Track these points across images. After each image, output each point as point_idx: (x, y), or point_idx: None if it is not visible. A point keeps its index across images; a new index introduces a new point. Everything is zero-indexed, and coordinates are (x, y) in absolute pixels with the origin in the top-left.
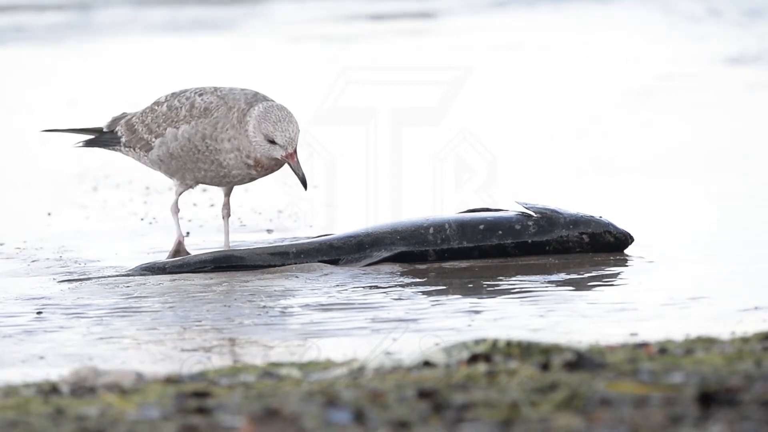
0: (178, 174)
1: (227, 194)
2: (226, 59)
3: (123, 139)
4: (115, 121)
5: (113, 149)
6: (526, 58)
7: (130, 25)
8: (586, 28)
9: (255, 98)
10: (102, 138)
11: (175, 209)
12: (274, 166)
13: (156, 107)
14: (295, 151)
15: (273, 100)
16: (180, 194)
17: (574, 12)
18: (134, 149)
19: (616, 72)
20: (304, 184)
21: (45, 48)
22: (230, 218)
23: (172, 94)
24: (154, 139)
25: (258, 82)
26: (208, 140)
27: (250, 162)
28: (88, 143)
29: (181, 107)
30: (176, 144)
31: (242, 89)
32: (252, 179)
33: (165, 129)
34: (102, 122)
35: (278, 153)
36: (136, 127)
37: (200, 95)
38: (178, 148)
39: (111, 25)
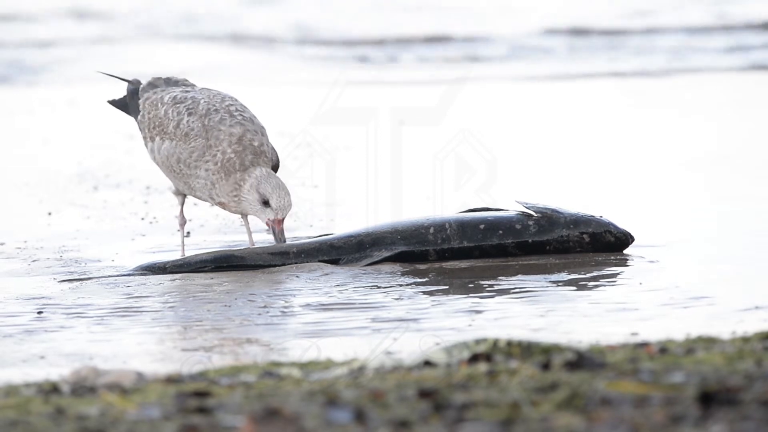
0: (171, 181)
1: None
2: None
3: (138, 117)
4: (151, 85)
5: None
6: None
7: None
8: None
9: (240, 143)
10: (132, 101)
11: (181, 220)
12: (233, 210)
13: (159, 105)
14: (283, 220)
15: (264, 158)
16: (181, 203)
17: None
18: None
19: (616, 70)
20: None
21: None
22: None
23: (175, 98)
24: (149, 141)
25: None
26: (182, 164)
27: (215, 200)
28: (117, 103)
29: (170, 121)
30: (159, 156)
31: (230, 125)
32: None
33: (155, 136)
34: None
35: (267, 215)
36: (143, 113)
37: (190, 114)
38: (159, 161)
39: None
